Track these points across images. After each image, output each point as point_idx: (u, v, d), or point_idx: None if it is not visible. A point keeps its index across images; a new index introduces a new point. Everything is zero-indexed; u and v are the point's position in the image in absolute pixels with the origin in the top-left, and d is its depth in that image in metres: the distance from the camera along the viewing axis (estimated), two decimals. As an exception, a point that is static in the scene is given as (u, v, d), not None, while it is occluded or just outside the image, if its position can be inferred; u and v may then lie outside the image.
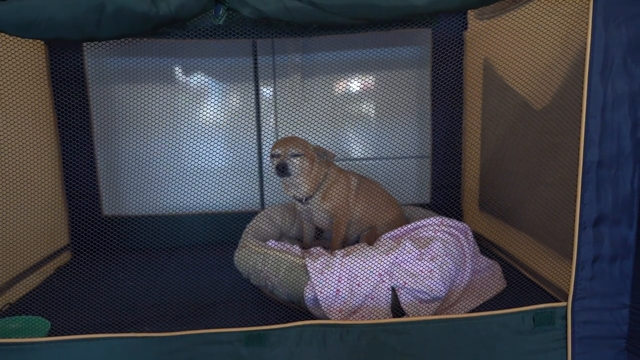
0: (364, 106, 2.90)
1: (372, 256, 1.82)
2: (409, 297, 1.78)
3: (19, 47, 1.94)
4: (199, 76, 2.81)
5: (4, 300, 2.09)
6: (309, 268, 1.83)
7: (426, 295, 1.78)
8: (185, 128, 2.81)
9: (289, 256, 1.93)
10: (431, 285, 1.78)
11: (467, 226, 2.15)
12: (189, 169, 2.81)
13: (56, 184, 2.67)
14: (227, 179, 2.88)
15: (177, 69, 2.78)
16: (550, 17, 1.76)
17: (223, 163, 2.88)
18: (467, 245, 2.06)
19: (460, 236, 2.07)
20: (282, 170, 2.07)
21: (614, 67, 1.50)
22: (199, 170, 2.83)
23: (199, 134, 2.84)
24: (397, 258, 1.82)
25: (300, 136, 2.24)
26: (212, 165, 2.86)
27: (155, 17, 1.23)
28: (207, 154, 2.83)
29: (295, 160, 2.09)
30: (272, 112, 2.85)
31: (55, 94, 2.61)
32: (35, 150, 2.44)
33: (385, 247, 1.88)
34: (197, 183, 2.79)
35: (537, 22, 1.83)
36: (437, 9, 1.28)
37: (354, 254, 1.86)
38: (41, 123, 2.53)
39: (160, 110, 2.79)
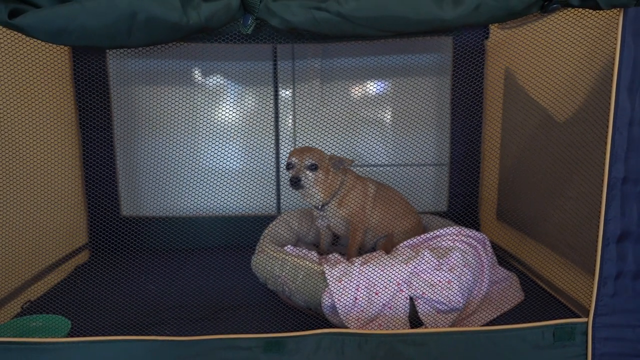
0: (383, 112, 2.90)
1: (390, 265, 1.82)
2: (427, 307, 1.78)
3: (43, 49, 1.97)
4: (218, 79, 2.82)
5: (24, 297, 2.12)
6: (327, 275, 1.83)
7: (444, 306, 1.77)
8: (204, 130, 2.84)
9: (307, 262, 1.93)
10: (449, 296, 1.77)
11: (485, 237, 2.14)
12: (207, 172, 2.83)
13: (77, 184, 2.71)
14: (245, 182, 2.89)
15: (197, 71, 2.80)
16: (575, 29, 1.74)
17: (241, 166, 2.89)
18: (485, 256, 2.04)
19: (479, 247, 2.06)
20: (296, 183, 2.11)
21: (643, 83, 1.49)
22: (217, 173, 2.85)
23: (218, 137, 2.86)
24: (415, 268, 1.82)
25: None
26: (230, 168, 2.88)
27: (186, 27, 1.24)
28: (226, 157, 2.85)
29: (309, 173, 2.12)
30: (291, 116, 2.86)
31: (78, 96, 2.65)
32: (57, 151, 2.48)
33: (404, 257, 1.88)
34: (215, 186, 2.81)
35: (561, 33, 1.82)
36: (465, 22, 1.28)
37: (373, 262, 1.86)
38: (63, 124, 2.57)
39: (180, 112, 2.82)
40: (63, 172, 2.56)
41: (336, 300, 1.77)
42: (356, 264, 1.85)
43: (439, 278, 1.80)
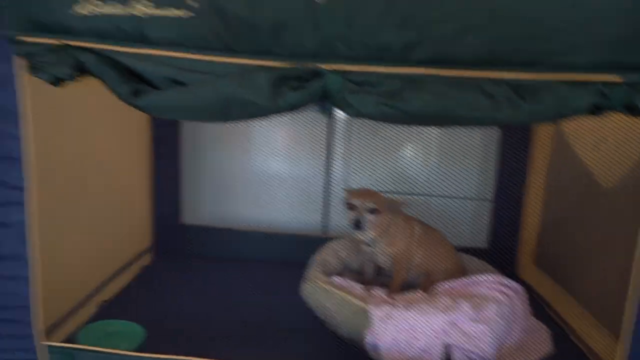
0: (431, 144, 3.04)
1: (431, 313, 1.99)
2: (461, 355, 1.95)
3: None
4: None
5: (98, 299, 2.40)
6: (372, 315, 2.01)
7: (476, 356, 1.94)
8: (261, 150, 3.09)
9: (353, 299, 2.11)
10: (483, 347, 1.93)
11: (522, 287, 2.26)
12: (260, 185, 3.11)
13: (145, 193, 3.02)
14: (294, 200, 3.12)
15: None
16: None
17: (291, 181, 3.12)
18: (519, 307, 2.17)
19: (514, 297, 2.19)
20: (358, 225, 2.28)
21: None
22: (269, 186, 3.10)
23: (274, 156, 3.11)
24: (454, 318, 1.98)
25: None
26: (280, 178, 3.13)
27: (274, 109, 1.45)
28: (277, 171, 3.11)
29: (370, 216, 2.29)
30: (343, 140, 3.05)
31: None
32: (131, 162, 2.82)
33: (443, 305, 2.04)
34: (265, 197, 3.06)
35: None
36: (512, 122, 1.42)
37: (414, 307, 2.03)
38: (139, 139, 2.87)
39: (240, 129, 3.06)
40: (136, 182, 2.90)
41: (378, 340, 1.95)
42: (399, 307, 2.03)
43: (474, 329, 1.96)
